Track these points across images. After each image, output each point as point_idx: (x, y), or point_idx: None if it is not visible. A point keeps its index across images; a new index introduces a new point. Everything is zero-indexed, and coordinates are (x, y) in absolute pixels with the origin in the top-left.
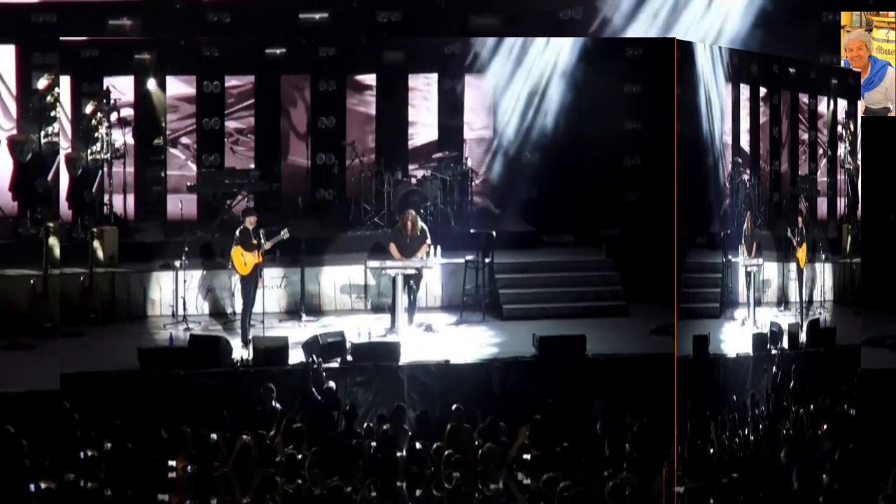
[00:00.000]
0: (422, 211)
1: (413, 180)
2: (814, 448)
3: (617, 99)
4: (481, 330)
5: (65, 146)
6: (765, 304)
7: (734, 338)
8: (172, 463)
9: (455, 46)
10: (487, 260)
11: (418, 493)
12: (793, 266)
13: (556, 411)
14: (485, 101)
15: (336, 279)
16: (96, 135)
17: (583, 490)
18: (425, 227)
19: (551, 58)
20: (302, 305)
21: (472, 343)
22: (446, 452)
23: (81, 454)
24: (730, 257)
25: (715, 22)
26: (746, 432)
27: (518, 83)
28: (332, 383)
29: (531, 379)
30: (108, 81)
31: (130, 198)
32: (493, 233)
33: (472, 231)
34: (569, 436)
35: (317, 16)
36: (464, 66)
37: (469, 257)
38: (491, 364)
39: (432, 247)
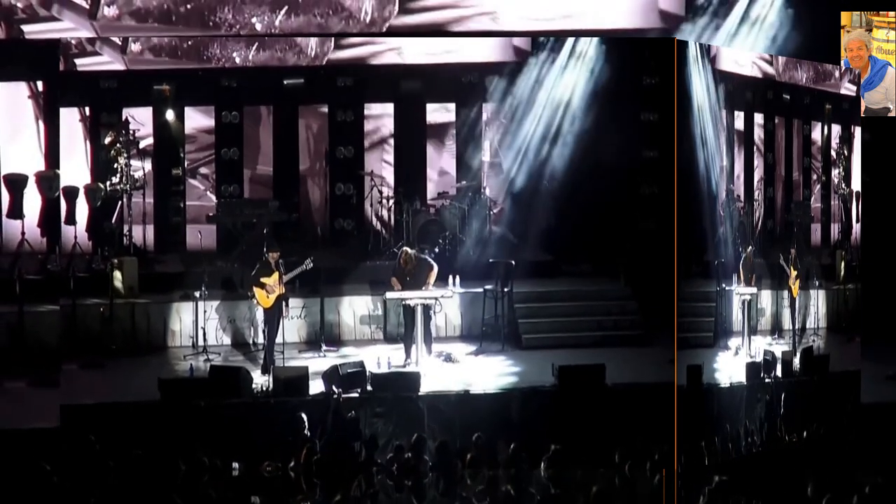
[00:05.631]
0: (440, 241)
1: (432, 210)
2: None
3: (635, 127)
4: (501, 359)
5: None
6: (759, 332)
7: (728, 367)
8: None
9: (473, 76)
10: (506, 289)
11: None
12: (786, 294)
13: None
14: (502, 130)
15: (356, 309)
16: (115, 165)
17: None
18: (425, 256)
19: (569, 85)
20: (322, 336)
21: (491, 372)
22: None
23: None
24: (724, 286)
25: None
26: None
27: (536, 111)
28: (353, 413)
29: (550, 408)
30: (127, 112)
31: (150, 228)
32: (513, 262)
33: (490, 260)
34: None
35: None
36: (482, 95)
37: (488, 287)
38: (510, 393)
39: (452, 276)
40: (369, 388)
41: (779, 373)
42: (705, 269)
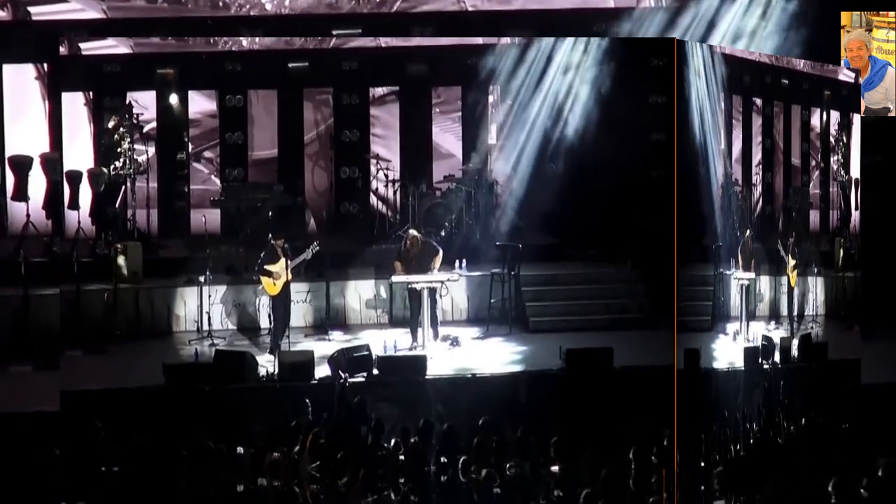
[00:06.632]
0: (446, 224)
1: (437, 193)
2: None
3: (642, 110)
4: (508, 343)
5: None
6: (757, 317)
7: (727, 351)
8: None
9: (478, 58)
10: (514, 272)
11: None
12: (784, 280)
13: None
14: (509, 112)
15: (361, 293)
16: (119, 150)
17: None
18: (430, 241)
19: (575, 66)
20: (328, 321)
21: (498, 356)
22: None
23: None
24: (722, 270)
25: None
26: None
27: (543, 93)
28: (359, 397)
29: (558, 392)
30: (131, 96)
31: (154, 213)
32: (520, 245)
33: (497, 243)
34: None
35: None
36: (488, 77)
37: (495, 270)
38: (517, 377)
39: (459, 260)
40: (375, 371)
41: (777, 359)
42: (705, 254)
